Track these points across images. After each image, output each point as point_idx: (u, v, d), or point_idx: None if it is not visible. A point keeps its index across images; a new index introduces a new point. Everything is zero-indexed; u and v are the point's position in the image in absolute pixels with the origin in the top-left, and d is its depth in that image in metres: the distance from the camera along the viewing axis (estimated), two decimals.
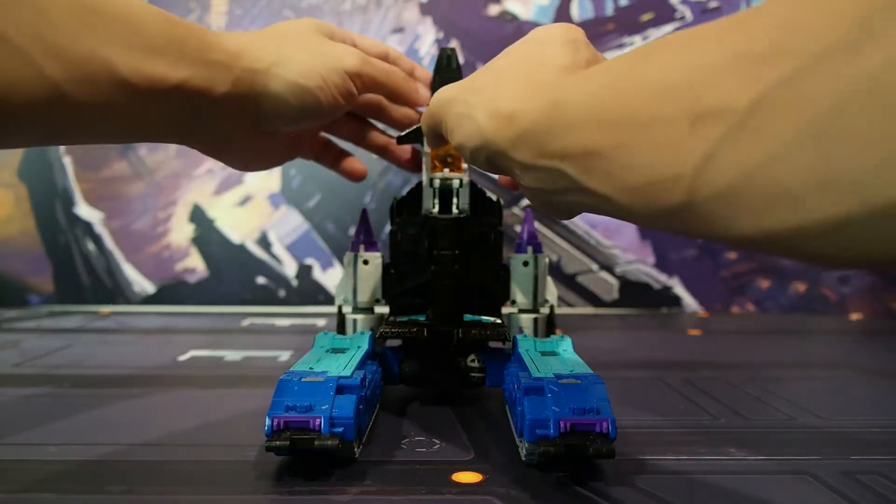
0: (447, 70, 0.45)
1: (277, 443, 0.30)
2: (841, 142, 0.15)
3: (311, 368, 0.35)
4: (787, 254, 0.18)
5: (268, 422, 0.31)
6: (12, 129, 0.27)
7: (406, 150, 0.49)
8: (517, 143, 0.26)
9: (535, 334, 0.45)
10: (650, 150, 0.20)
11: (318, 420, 0.31)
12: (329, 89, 0.36)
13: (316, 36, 0.38)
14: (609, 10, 0.90)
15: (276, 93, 0.35)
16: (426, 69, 0.48)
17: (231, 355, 0.59)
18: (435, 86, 0.45)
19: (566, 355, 0.39)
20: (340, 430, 0.31)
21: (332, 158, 0.49)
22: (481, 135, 0.28)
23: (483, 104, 0.28)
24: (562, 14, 0.91)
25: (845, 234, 0.16)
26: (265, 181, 0.93)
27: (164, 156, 0.93)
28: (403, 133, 0.46)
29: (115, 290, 0.91)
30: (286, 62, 0.35)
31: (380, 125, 0.49)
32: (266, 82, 0.34)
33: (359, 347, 0.40)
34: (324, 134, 0.48)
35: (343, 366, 0.36)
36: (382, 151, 0.49)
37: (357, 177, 0.50)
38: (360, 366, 0.37)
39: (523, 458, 0.33)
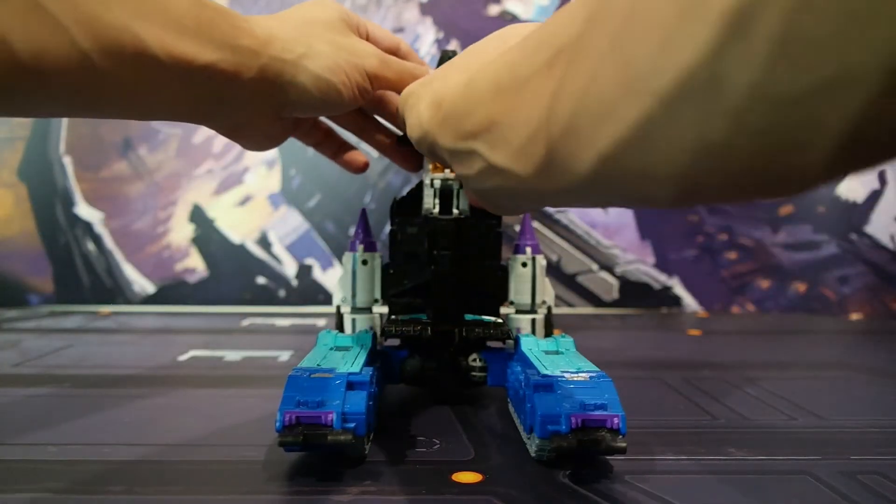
0: None
1: (290, 438, 0.30)
2: (634, 36, 0.15)
3: (318, 365, 0.35)
4: (624, 185, 0.17)
5: (279, 417, 0.30)
6: (41, 97, 0.28)
7: (406, 151, 0.48)
8: (442, 128, 0.26)
9: (534, 335, 0.45)
10: (525, 107, 0.20)
11: (330, 415, 0.30)
12: (350, 86, 0.37)
13: (342, 28, 0.39)
14: None
15: (302, 84, 0.35)
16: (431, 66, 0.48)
17: (231, 355, 0.59)
18: None
19: (570, 354, 0.40)
20: (352, 425, 0.31)
21: (334, 148, 0.49)
22: (420, 124, 0.28)
23: (427, 95, 0.29)
24: None
25: (651, 139, 0.15)
26: (265, 181, 0.93)
27: (164, 156, 0.92)
28: (404, 133, 0.46)
29: (115, 290, 0.91)
30: (314, 55, 0.35)
31: (385, 123, 0.49)
32: (294, 73, 0.35)
33: (362, 346, 0.40)
34: (325, 121, 0.48)
35: (351, 362, 0.36)
36: (383, 148, 0.49)
37: (357, 168, 0.49)
38: (368, 363, 0.37)
39: (533, 455, 0.33)
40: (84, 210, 0.92)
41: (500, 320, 0.44)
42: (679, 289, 0.92)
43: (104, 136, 0.92)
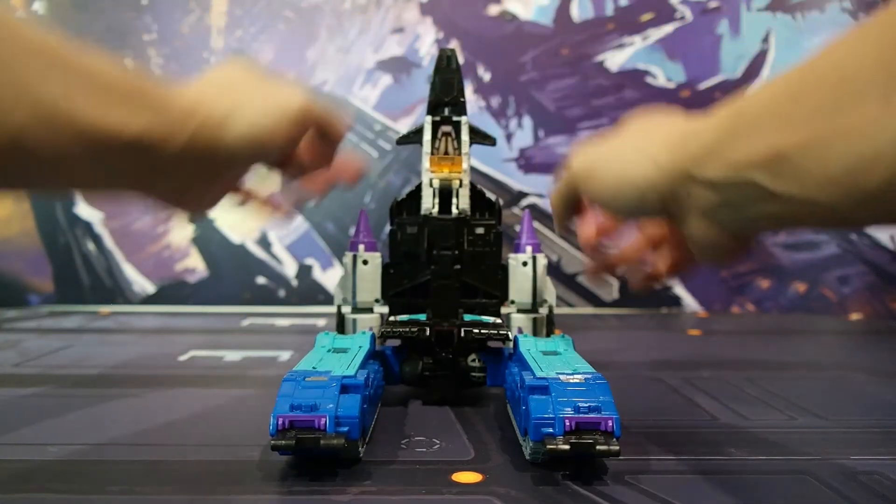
0: (447, 70, 0.45)
1: (283, 442, 0.30)
2: None
3: (314, 368, 0.35)
4: None
5: (273, 421, 0.31)
6: None
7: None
8: (702, 161, 0.26)
9: (535, 334, 0.45)
10: (842, 138, 0.20)
11: (323, 419, 0.30)
12: (281, 131, 0.37)
13: (259, 77, 0.39)
14: (609, 10, 0.90)
15: (233, 141, 0.35)
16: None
17: (231, 355, 0.59)
18: (434, 86, 0.45)
19: (568, 355, 0.39)
20: (346, 429, 0.31)
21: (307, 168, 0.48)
22: (659, 167, 0.28)
23: (653, 143, 0.29)
24: (562, 14, 0.91)
25: None
26: (265, 181, 0.93)
27: None
28: (405, 133, 0.46)
29: (115, 290, 0.91)
30: (240, 110, 0.35)
31: None
32: (224, 131, 0.34)
33: (360, 347, 0.40)
34: None
35: (346, 365, 0.36)
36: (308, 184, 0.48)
37: (351, 177, 0.47)
38: (363, 365, 0.37)
39: (528, 457, 0.33)
40: (84, 210, 0.92)
41: (499, 320, 0.44)
42: (679, 289, 0.91)
43: None
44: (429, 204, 0.44)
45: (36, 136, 0.27)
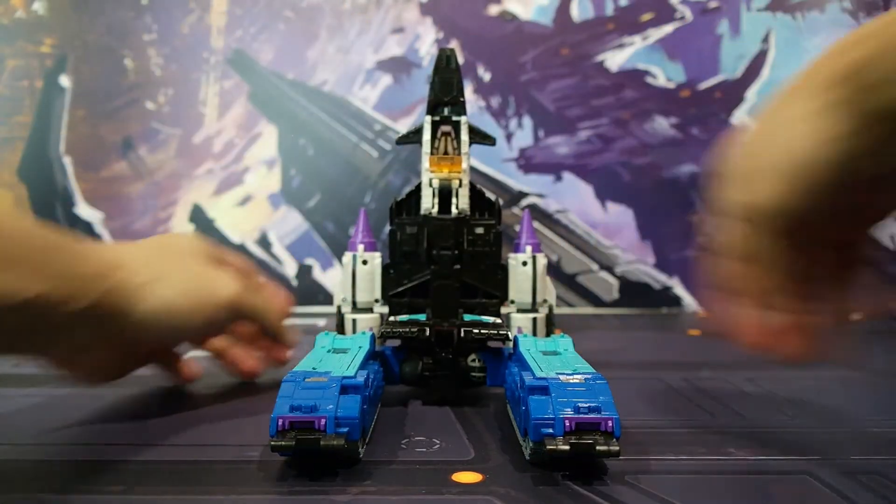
0: (446, 70, 0.45)
1: (283, 443, 0.30)
2: None
3: (313, 369, 0.35)
4: None
5: (272, 422, 0.31)
6: None
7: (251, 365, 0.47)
8: (878, 83, 0.21)
9: (534, 334, 0.45)
10: None
11: (322, 420, 0.30)
12: (200, 316, 0.35)
13: (199, 257, 0.38)
14: (609, 10, 0.90)
15: (147, 310, 0.33)
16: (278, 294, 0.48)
17: None
18: (434, 86, 0.45)
19: (568, 355, 0.39)
20: (345, 430, 0.31)
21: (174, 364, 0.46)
22: (824, 112, 0.22)
23: (788, 103, 0.23)
24: (562, 14, 0.91)
25: None
26: (265, 181, 0.93)
27: (164, 156, 0.92)
28: (404, 133, 0.46)
29: None
30: (166, 279, 0.34)
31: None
32: (139, 297, 0.33)
33: (360, 347, 0.40)
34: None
35: (346, 366, 0.36)
36: (231, 367, 0.47)
37: (246, 374, 0.47)
38: (363, 365, 0.37)
39: (528, 458, 0.33)
40: (84, 210, 0.92)
41: (499, 320, 0.44)
42: (679, 289, 0.91)
43: (104, 136, 0.92)
44: (428, 204, 0.44)
45: None
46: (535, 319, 0.45)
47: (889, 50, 0.21)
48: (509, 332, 0.43)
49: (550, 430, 0.31)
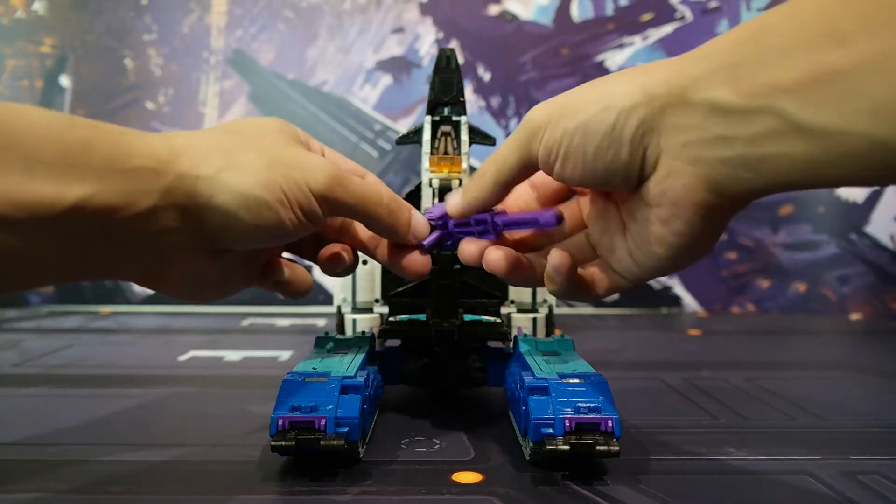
0: (446, 70, 0.45)
1: (283, 443, 0.30)
2: None
3: (314, 369, 0.35)
4: None
5: (272, 422, 0.31)
6: None
7: (416, 260, 0.34)
8: (705, 81, 0.21)
9: (534, 334, 0.45)
10: None
11: (322, 420, 0.30)
12: (291, 207, 0.28)
13: (282, 138, 0.30)
14: (609, 10, 0.90)
15: (223, 205, 0.27)
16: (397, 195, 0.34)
17: (231, 355, 0.59)
18: (434, 86, 0.45)
19: (568, 355, 0.39)
20: (345, 430, 0.31)
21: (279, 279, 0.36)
22: (643, 88, 0.23)
23: (635, 71, 0.24)
24: (562, 14, 0.91)
25: None
26: None
27: None
28: (404, 133, 0.46)
29: (115, 290, 0.91)
30: (239, 167, 0.27)
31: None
32: (211, 192, 0.27)
33: (360, 347, 0.40)
34: (287, 255, 0.37)
35: (346, 366, 0.36)
36: (385, 257, 0.35)
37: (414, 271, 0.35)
38: (363, 366, 0.37)
39: (528, 458, 0.33)
40: None
41: (499, 320, 0.44)
42: (679, 289, 0.91)
43: None
44: (428, 204, 0.44)
45: None
46: (535, 319, 0.45)
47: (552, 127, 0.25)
48: (509, 332, 0.43)
49: (550, 430, 0.31)
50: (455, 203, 0.31)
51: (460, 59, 0.50)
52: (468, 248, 0.31)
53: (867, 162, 0.18)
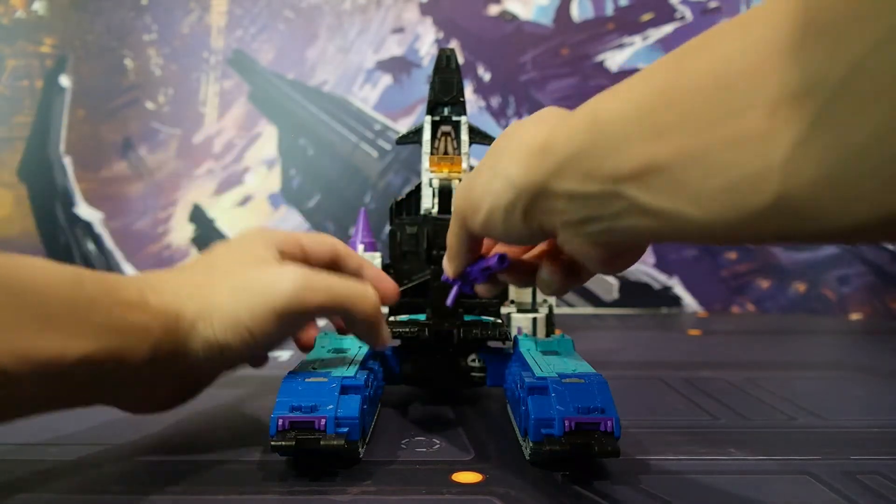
0: (446, 71, 0.45)
1: (283, 443, 0.30)
2: None
3: (314, 369, 0.35)
4: (882, 241, 0.16)
5: (273, 422, 0.31)
6: None
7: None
8: (559, 173, 0.23)
9: (534, 334, 0.45)
10: (723, 151, 0.18)
11: (322, 420, 0.31)
12: (256, 336, 0.31)
13: (251, 257, 0.33)
14: (609, 10, 0.90)
15: (195, 353, 0.30)
16: (374, 265, 0.40)
17: None
18: (434, 86, 0.45)
19: (568, 355, 0.39)
20: (345, 430, 0.31)
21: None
22: (512, 184, 0.25)
23: (507, 157, 0.26)
24: (562, 14, 0.91)
25: None
26: (265, 181, 0.93)
27: (164, 156, 0.93)
28: (404, 133, 0.46)
29: None
30: (209, 313, 0.30)
31: None
32: (186, 341, 0.30)
33: (360, 347, 0.40)
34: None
35: (346, 366, 0.36)
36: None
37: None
38: (363, 366, 0.37)
39: (527, 458, 0.33)
40: (84, 210, 0.92)
41: (499, 321, 0.44)
42: (679, 289, 0.92)
43: (104, 136, 0.92)
44: (428, 204, 0.44)
45: None
46: (535, 319, 0.45)
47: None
48: (509, 332, 0.43)
49: (550, 430, 0.31)
50: (448, 270, 0.34)
51: (460, 59, 0.50)
52: (480, 290, 0.35)
53: (702, 236, 0.20)
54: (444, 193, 0.44)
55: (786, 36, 0.17)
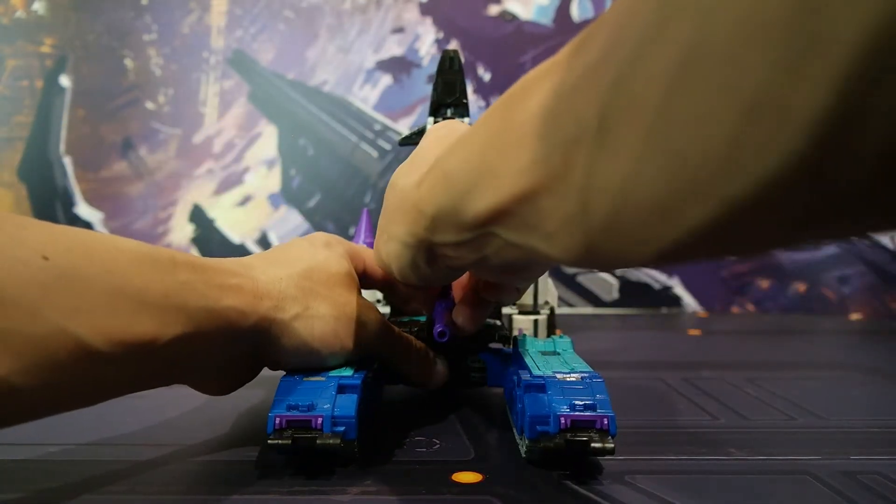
0: (449, 72, 0.45)
1: (280, 441, 0.30)
2: (680, 133, 0.13)
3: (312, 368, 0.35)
4: (697, 260, 0.17)
5: (270, 420, 0.31)
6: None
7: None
8: (435, 229, 0.25)
9: (536, 335, 0.45)
10: (543, 195, 0.19)
11: (319, 419, 0.31)
12: (340, 352, 0.34)
13: (346, 289, 0.34)
14: None
15: (285, 346, 0.32)
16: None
17: None
18: (437, 87, 0.45)
19: (566, 354, 0.39)
20: (342, 429, 0.31)
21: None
22: (405, 244, 0.28)
23: (394, 219, 0.29)
24: (562, 14, 0.91)
25: (725, 236, 0.14)
26: (265, 181, 0.93)
27: (164, 156, 0.93)
28: (407, 134, 0.46)
29: None
30: (310, 317, 0.32)
31: None
32: (280, 333, 0.31)
33: None
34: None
35: (344, 365, 0.36)
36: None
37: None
38: (363, 365, 0.37)
39: (524, 455, 0.33)
40: (84, 210, 0.92)
41: (498, 322, 0.44)
42: (679, 289, 0.92)
43: (104, 136, 0.92)
44: None
45: (40, 374, 0.22)
46: (536, 321, 0.45)
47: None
48: (510, 334, 0.43)
49: (546, 427, 0.31)
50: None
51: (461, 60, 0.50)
52: (462, 325, 0.37)
53: (571, 265, 0.22)
54: None
55: (564, 81, 0.18)
